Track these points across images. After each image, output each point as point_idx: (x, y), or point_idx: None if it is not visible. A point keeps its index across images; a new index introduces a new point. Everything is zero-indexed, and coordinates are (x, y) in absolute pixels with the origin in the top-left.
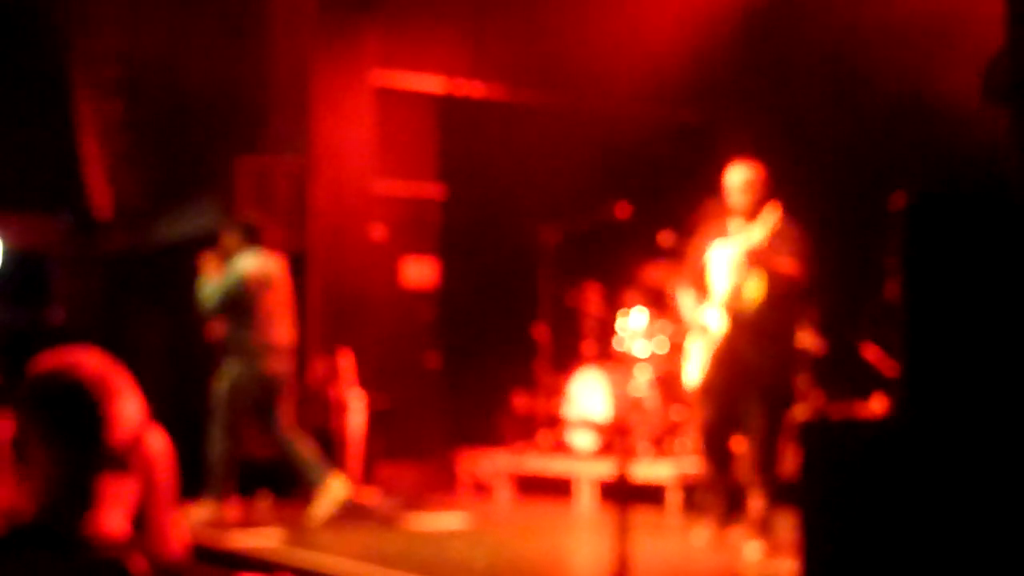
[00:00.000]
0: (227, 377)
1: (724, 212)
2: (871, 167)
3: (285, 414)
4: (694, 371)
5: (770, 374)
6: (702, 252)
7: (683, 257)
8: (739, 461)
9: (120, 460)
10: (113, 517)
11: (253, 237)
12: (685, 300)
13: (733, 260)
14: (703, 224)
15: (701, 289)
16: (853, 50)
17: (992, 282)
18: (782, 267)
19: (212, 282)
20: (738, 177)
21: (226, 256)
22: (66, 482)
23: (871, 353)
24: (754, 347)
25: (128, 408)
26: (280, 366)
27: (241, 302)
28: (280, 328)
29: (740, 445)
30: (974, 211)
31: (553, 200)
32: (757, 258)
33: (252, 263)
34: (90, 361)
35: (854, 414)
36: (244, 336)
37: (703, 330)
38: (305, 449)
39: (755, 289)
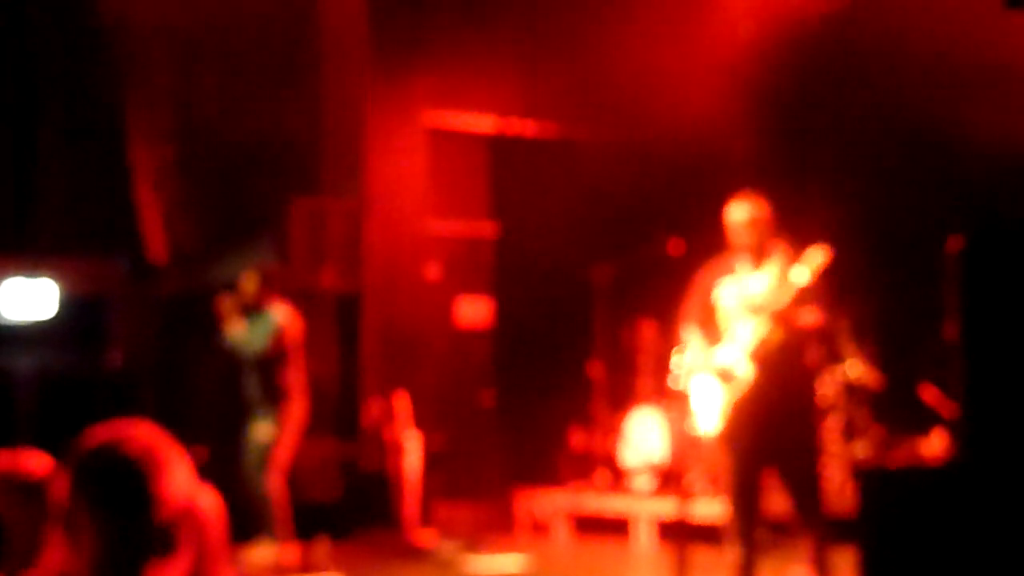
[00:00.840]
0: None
1: (728, 249)
2: (932, 204)
3: (283, 459)
4: (711, 417)
5: (801, 418)
6: (708, 289)
7: (687, 294)
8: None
9: (169, 537)
10: None
11: (271, 285)
12: (694, 339)
13: (760, 305)
14: (707, 262)
15: (707, 328)
16: (909, 85)
17: None
18: (804, 319)
19: (243, 330)
20: (741, 214)
21: (243, 303)
22: (113, 560)
23: (929, 394)
24: (781, 392)
25: (177, 482)
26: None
27: (277, 350)
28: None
29: (768, 493)
30: None
31: (606, 237)
32: (783, 313)
33: (283, 313)
34: (139, 435)
35: (914, 452)
36: (273, 386)
37: (723, 374)
38: (275, 502)
39: (777, 337)
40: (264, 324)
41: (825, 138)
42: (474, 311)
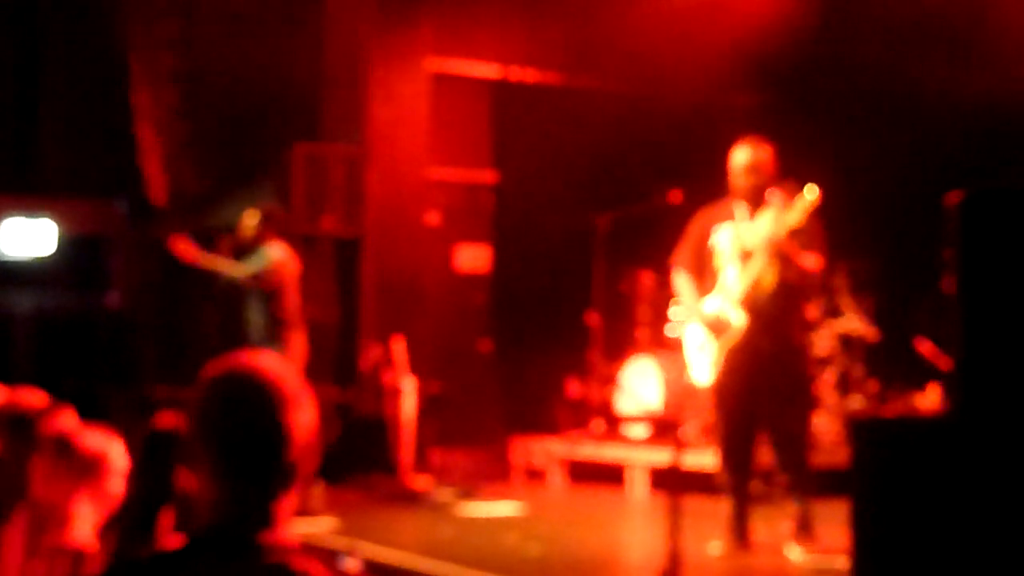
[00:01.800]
0: None
1: (727, 194)
2: (933, 158)
3: None
4: (704, 367)
5: (793, 369)
6: (704, 235)
7: (682, 239)
8: (759, 458)
9: (295, 473)
10: (285, 527)
11: (270, 224)
12: (685, 286)
13: (753, 249)
14: (704, 206)
15: (702, 275)
16: (915, 39)
17: None
18: (805, 262)
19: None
20: (743, 158)
21: (240, 242)
22: (243, 499)
23: (925, 347)
24: (774, 342)
25: (305, 416)
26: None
27: (273, 284)
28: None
29: (761, 445)
30: None
31: (607, 186)
32: (781, 250)
33: (280, 250)
34: (267, 366)
35: (909, 405)
36: (273, 320)
37: (715, 323)
38: None
39: (771, 280)
40: (260, 258)
41: (826, 92)
42: (473, 258)
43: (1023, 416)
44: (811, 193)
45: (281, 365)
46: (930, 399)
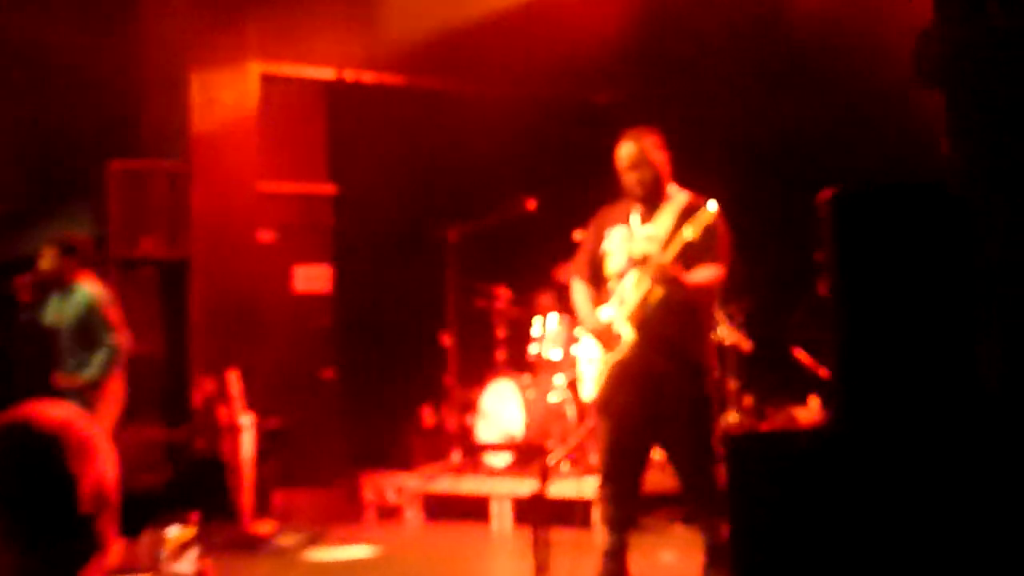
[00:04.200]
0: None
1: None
2: (806, 157)
3: None
4: (589, 383)
5: (690, 389)
6: (599, 240)
7: (579, 246)
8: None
9: (93, 530)
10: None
11: (75, 257)
12: (579, 295)
13: (639, 269)
14: (602, 209)
15: (599, 283)
16: (783, 30)
17: (925, 276)
18: (698, 276)
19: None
20: (624, 153)
21: (41, 279)
22: (33, 559)
23: (802, 356)
24: (667, 361)
25: (99, 466)
26: None
27: (93, 328)
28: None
29: (647, 469)
30: (904, 203)
31: (457, 196)
32: (664, 272)
33: (93, 288)
34: (53, 413)
35: (789, 419)
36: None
37: (605, 335)
38: None
39: (658, 297)
40: (73, 299)
41: (693, 83)
42: (313, 278)
43: (907, 424)
44: (712, 207)
45: (69, 412)
46: (811, 412)
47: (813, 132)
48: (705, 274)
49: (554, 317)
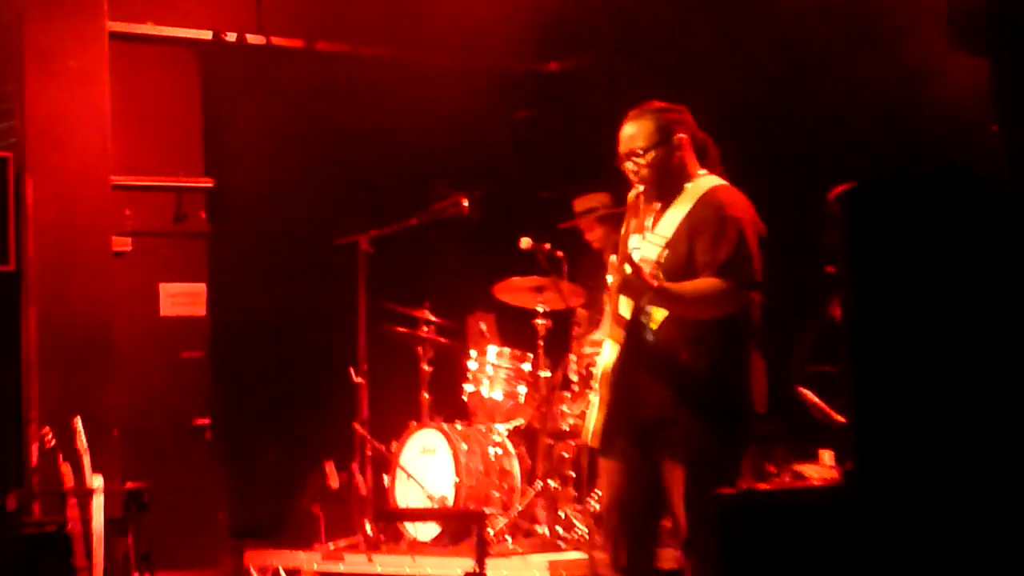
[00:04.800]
0: None
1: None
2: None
3: None
4: (587, 425)
5: (690, 428)
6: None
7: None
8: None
9: None
10: None
11: None
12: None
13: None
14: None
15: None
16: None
17: (966, 291)
18: (682, 290)
19: None
20: (622, 135)
21: None
22: None
23: (810, 397)
24: (660, 389)
25: None
26: None
27: None
28: None
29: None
30: (936, 199)
31: (372, 192)
32: (629, 283)
33: None
34: None
35: (794, 476)
36: None
37: (598, 370)
38: None
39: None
40: None
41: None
42: (183, 299)
43: (945, 484)
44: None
45: None
46: (824, 468)
47: (821, 115)
48: (694, 287)
49: (493, 349)
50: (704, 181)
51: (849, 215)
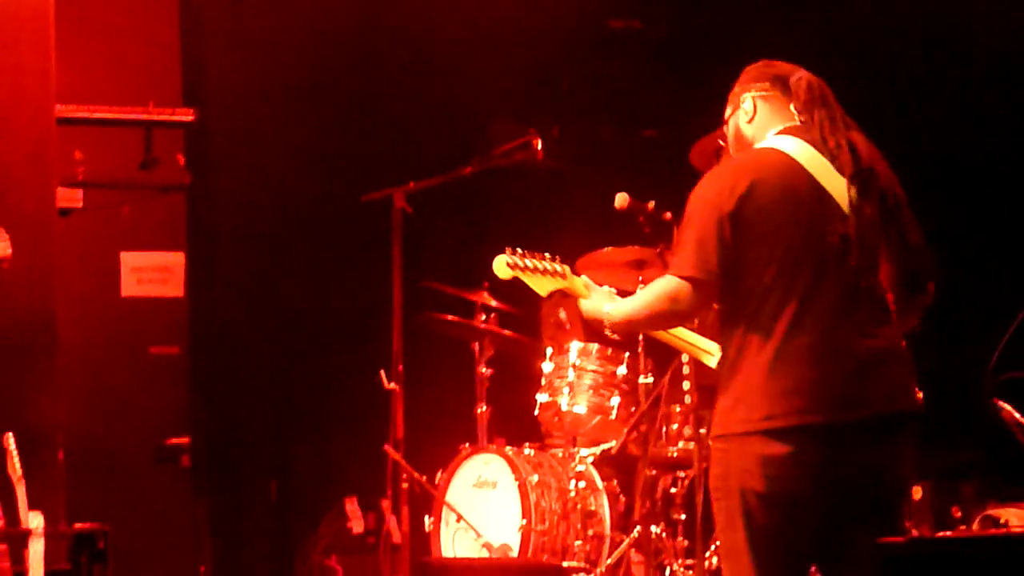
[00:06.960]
0: None
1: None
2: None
3: None
4: None
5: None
6: None
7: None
8: None
9: None
10: None
11: None
12: None
13: None
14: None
15: None
16: None
17: None
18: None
19: None
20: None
21: None
22: None
23: (1011, 415)
24: None
25: None
26: None
27: None
28: None
29: None
30: None
31: (402, 135)
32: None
33: None
34: None
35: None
36: None
37: None
38: None
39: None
40: None
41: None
42: (153, 273)
43: None
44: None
45: None
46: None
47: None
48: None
49: (575, 346)
50: None
51: None
